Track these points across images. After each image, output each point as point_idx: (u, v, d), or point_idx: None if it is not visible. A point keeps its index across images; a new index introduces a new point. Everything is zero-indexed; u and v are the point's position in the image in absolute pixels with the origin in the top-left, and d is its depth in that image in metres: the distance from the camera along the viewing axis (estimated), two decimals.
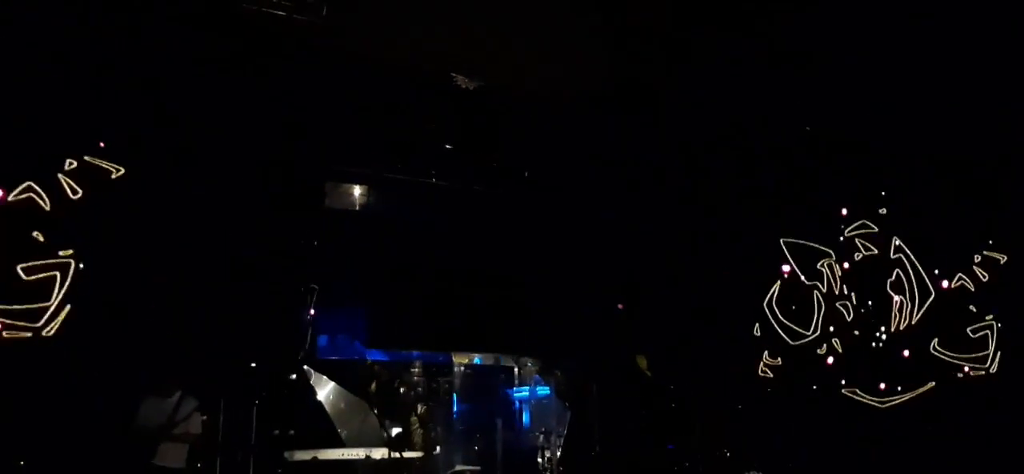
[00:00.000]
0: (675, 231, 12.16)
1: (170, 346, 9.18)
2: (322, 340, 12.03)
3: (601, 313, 12.48)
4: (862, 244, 12.39)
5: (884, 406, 12.01)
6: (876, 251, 12.37)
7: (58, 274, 8.54)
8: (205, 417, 9.09)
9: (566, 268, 12.20)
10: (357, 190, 12.03)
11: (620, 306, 12.86)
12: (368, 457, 10.46)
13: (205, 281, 9.70)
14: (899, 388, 12.07)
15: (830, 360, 12.13)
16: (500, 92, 10.54)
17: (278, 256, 10.54)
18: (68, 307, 8.57)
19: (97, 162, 8.99)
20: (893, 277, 12.34)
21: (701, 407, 12.48)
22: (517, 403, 13.97)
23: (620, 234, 12.07)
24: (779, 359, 12.02)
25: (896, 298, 12.25)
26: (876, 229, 12.43)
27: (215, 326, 9.80)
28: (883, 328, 12.22)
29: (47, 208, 8.58)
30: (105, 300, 8.80)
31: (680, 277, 12.31)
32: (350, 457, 10.70)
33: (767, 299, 12.04)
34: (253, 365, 10.46)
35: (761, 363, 11.96)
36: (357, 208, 12.08)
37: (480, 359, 13.69)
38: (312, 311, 11.05)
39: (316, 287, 10.79)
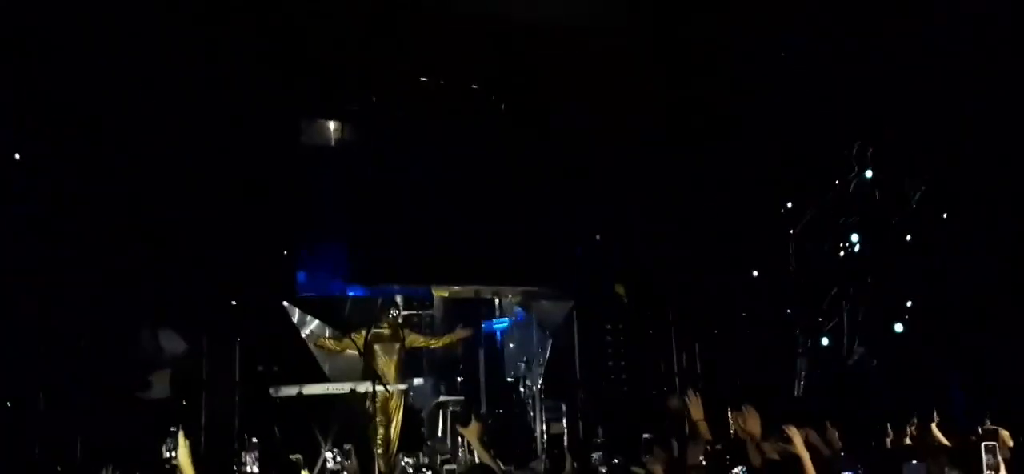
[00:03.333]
0: (657, 162, 12.25)
1: (152, 283, 9.20)
2: (302, 276, 12.05)
3: (580, 243, 12.61)
4: None
5: None
6: None
7: None
8: (189, 353, 9.13)
9: (544, 199, 12.27)
10: (332, 125, 11.98)
11: (598, 237, 13.00)
12: (353, 391, 10.58)
13: (185, 218, 9.70)
14: None
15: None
16: (477, 22, 10.44)
17: (258, 194, 10.55)
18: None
19: None
20: None
21: (678, 333, 12.74)
22: (498, 334, 14.14)
23: (599, 164, 12.13)
24: None
25: None
26: None
27: (196, 264, 9.83)
28: None
29: None
30: (85, 238, 8.78)
31: (661, 208, 12.47)
32: (334, 391, 10.81)
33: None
34: (234, 303, 10.53)
35: None
36: (333, 144, 12.03)
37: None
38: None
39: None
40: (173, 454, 5.02)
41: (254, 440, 6.22)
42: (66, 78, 8.79)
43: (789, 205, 12.59)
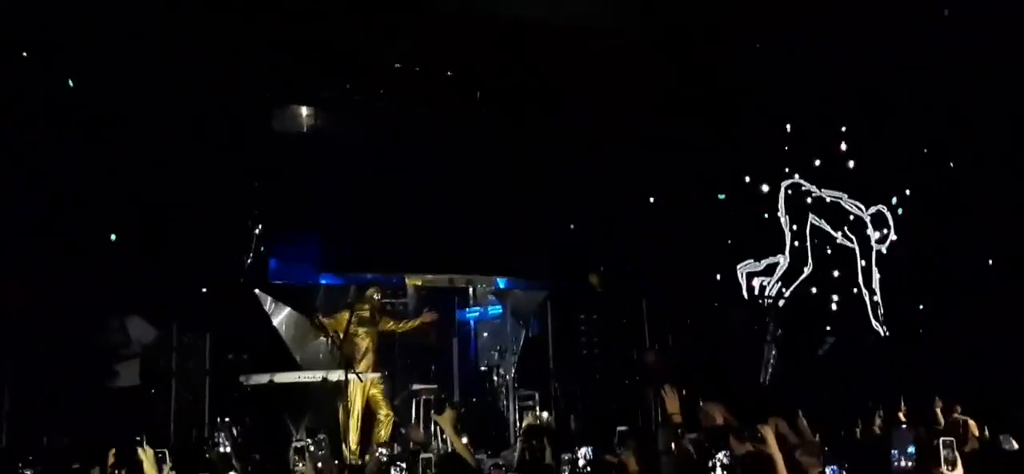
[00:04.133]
0: (635, 155, 12.28)
1: (121, 271, 9.08)
2: (274, 264, 11.95)
3: (554, 233, 12.62)
4: None
5: None
6: None
7: None
8: (159, 341, 9.03)
9: (519, 189, 12.27)
10: (305, 111, 11.87)
11: (572, 226, 13.02)
12: (325, 379, 10.50)
13: (155, 206, 9.59)
14: None
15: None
16: (452, 10, 10.37)
17: (228, 181, 10.44)
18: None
19: None
20: None
21: (652, 320, 12.79)
22: (471, 323, 14.12)
23: (574, 154, 12.14)
24: None
25: None
26: None
27: (166, 251, 9.72)
28: None
29: None
30: (58, 227, 8.65)
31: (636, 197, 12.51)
32: (306, 380, 10.74)
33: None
34: (204, 290, 10.43)
35: None
36: (306, 131, 11.92)
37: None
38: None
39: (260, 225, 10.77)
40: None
41: (226, 420, 6.19)
42: (29, 59, 8.63)
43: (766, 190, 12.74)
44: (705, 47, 11.22)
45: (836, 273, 12.79)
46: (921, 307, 12.44)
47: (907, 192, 12.90)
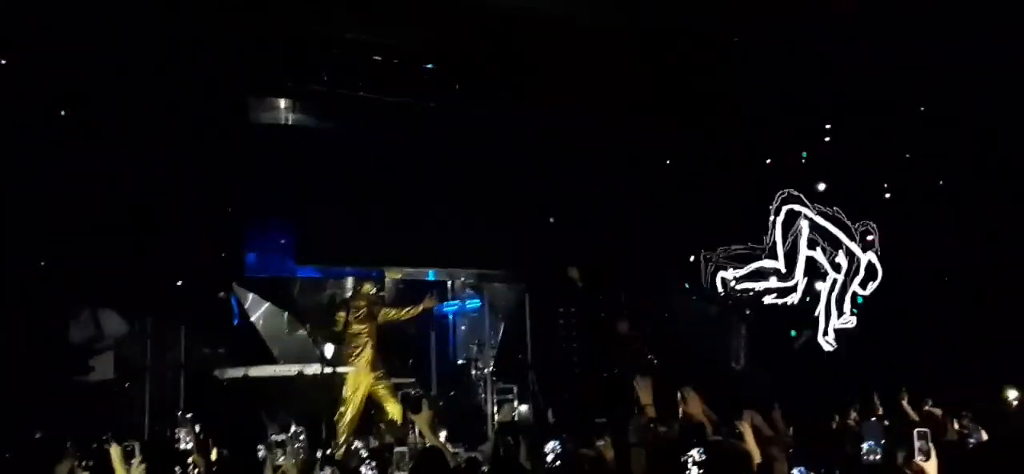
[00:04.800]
0: (615, 143, 12.27)
1: (96, 265, 8.98)
2: (251, 257, 11.86)
3: (534, 226, 12.61)
4: None
5: None
6: None
7: None
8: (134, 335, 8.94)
9: (498, 182, 12.25)
10: (283, 104, 11.77)
11: (552, 219, 13.00)
12: (301, 373, 10.43)
13: (130, 198, 9.48)
14: None
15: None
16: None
17: (204, 172, 10.34)
18: None
19: None
20: None
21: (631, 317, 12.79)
22: (450, 316, 14.08)
23: (553, 145, 12.12)
24: None
25: None
26: None
27: (140, 244, 9.62)
28: None
29: None
30: (28, 219, 8.54)
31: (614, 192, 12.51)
32: (282, 373, 10.67)
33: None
34: (180, 283, 10.33)
35: None
36: (284, 122, 11.82)
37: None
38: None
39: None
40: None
41: (189, 416, 6.13)
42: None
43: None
44: (689, 39, 11.22)
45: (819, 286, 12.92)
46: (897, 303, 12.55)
47: (886, 186, 12.99)
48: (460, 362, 13.57)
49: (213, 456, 6.11)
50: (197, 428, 5.86)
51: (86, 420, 8.21)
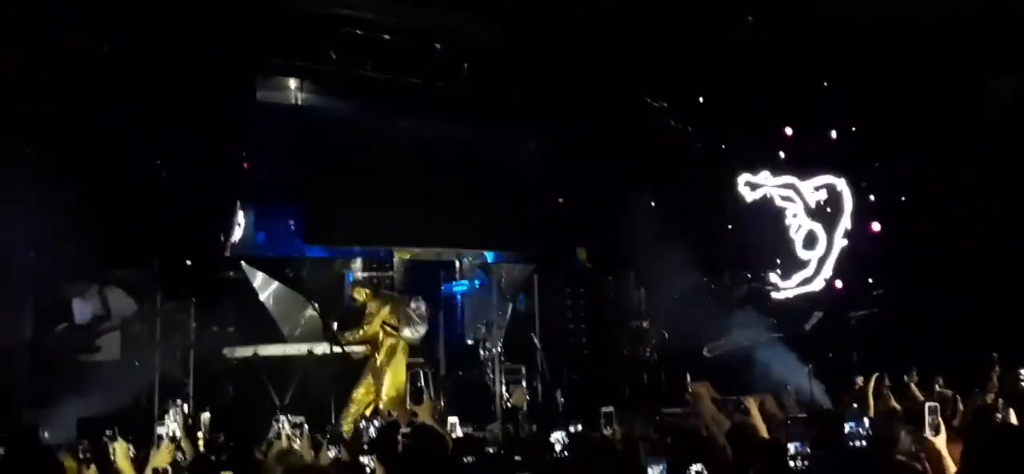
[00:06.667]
0: (627, 127, 12.22)
1: (105, 242, 8.99)
2: (260, 237, 11.85)
3: (542, 207, 12.58)
4: None
5: None
6: None
7: None
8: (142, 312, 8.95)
9: (507, 162, 12.19)
10: (292, 83, 11.73)
11: (560, 200, 12.97)
12: (310, 352, 10.45)
13: (140, 177, 9.49)
14: None
15: None
16: None
17: (212, 152, 10.34)
18: None
19: None
20: None
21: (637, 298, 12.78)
22: (458, 297, 14.05)
23: (563, 128, 12.08)
24: None
25: None
26: None
27: (149, 223, 9.63)
28: None
29: None
30: (35, 197, 8.54)
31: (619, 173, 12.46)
32: (291, 353, 10.69)
33: None
34: (188, 263, 10.35)
35: None
36: (293, 101, 11.79)
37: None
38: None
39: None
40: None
41: (178, 401, 6.16)
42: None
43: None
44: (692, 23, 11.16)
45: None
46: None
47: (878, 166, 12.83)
48: (469, 342, 13.55)
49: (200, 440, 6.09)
50: (185, 410, 5.86)
51: (94, 401, 8.26)
